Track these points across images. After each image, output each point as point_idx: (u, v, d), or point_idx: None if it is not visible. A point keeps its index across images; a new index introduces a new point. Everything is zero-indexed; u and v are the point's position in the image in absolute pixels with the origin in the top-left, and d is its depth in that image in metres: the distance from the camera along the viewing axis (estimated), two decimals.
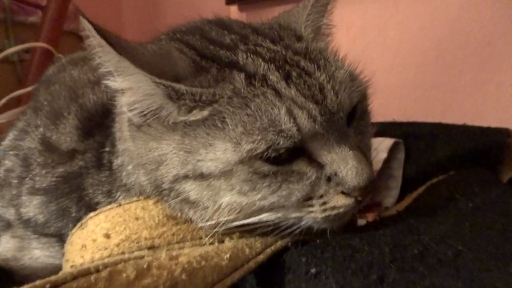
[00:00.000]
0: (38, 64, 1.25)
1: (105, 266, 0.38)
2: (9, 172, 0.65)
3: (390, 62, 1.31)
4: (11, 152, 0.67)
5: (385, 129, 0.93)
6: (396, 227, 0.48)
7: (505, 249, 0.42)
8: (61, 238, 0.58)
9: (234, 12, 1.62)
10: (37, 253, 0.61)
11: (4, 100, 1.10)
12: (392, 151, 0.90)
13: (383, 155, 0.89)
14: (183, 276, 0.40)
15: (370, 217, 0.74)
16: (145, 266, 0.40)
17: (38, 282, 0.36)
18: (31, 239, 0.61)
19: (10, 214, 0.64)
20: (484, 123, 0.89)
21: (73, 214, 0.57)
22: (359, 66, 0.50)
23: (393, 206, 0.78)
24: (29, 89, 1.10)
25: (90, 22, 0.40)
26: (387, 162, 0.90)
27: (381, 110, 0.56)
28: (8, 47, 1.25)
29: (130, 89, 0.45)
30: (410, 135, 0.94)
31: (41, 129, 0.63)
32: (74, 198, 0.57)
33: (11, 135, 0.73)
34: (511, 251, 0.42)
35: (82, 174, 0.57)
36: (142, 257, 0.42)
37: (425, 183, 0.72)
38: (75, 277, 0.36)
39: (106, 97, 0.64)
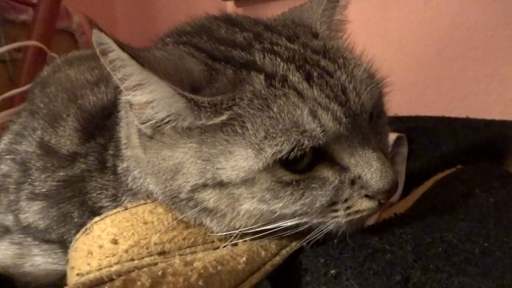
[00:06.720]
0: (30, 63, 1.25)
1: (118, 274, 0.37)
2: (6, 177, 0.65)
3: (391, 57, 1.30)
4: (7, 157, 0.67)
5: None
6: (416, 224, 0.48)
7: None
8: (63, 244, 0.58)
9: (230, 7, 1.59)
10: (39, 260, 0.60)
11: None
12: (395, 145, 0.89)
13: None
14: (200, 283, 0.39)
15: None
16: (159, 273, 0.39)
17: None
18: (31, 245, 0.61)
19: (8, 220, 0.63)
20: (488, 118, 0.90)
21: (76, 220, 0.57)
22: (375, 64, 0.49)
23: (398, 202, 0.78)
24: (22, 89, 1.10)
25: (108, 35, 0.39)
26: (391, 157, 0.92)
27: None
28: None
29: (152, 101, 0.44)
30: (413, 130, 0.94)
31: (38, 132, 0.63)
32: (76, 202, 0.57)
33: (6, 139, 0.73)
34: None
35: (85, 177, 0.57)
36: (155, 264, 0.41)
37: (429, 178, 0.72)
38: (89, 286, 0.35)
39: (106, 98, 0.64)
